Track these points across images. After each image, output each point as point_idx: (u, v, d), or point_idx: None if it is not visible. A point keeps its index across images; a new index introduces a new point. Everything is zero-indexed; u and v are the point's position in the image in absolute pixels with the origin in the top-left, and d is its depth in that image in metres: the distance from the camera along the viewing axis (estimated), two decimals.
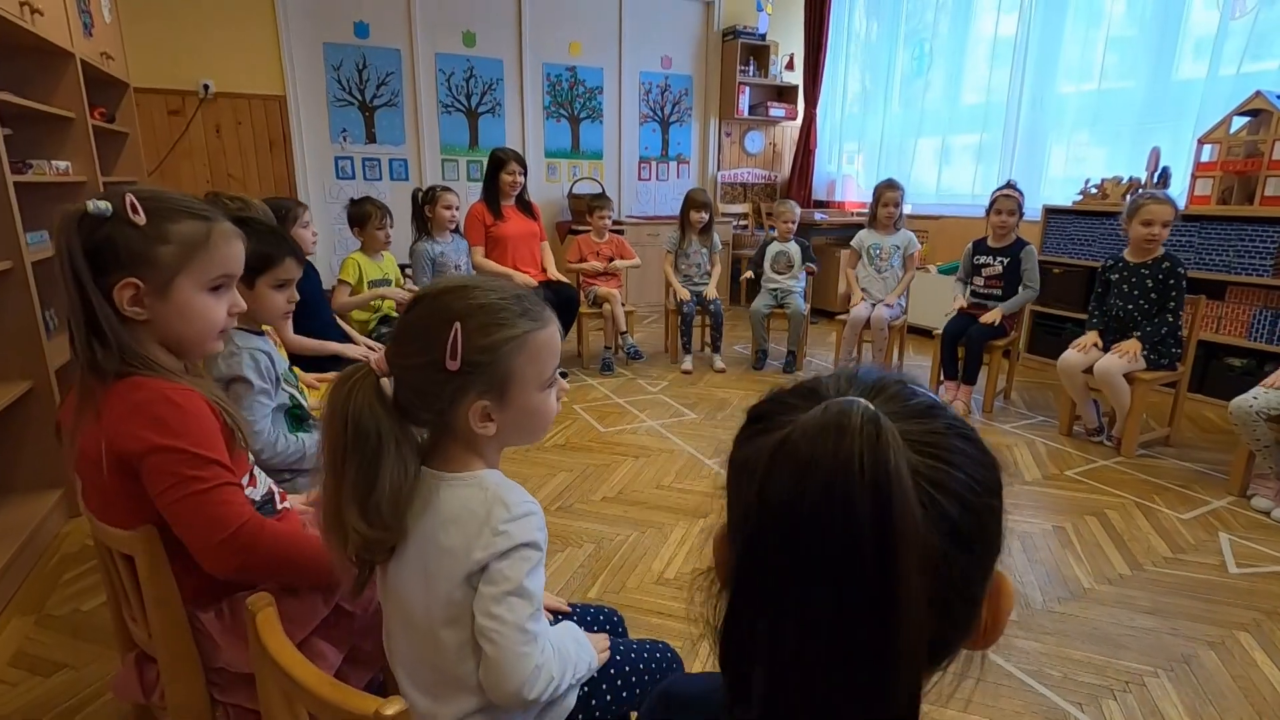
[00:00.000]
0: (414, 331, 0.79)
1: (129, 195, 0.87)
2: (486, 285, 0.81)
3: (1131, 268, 2.75)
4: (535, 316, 0.81)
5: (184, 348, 0.95)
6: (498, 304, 0.79)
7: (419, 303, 0.80)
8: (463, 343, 0.76)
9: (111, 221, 0.86)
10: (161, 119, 4.37)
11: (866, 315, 3.60)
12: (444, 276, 0.91)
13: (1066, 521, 2.23)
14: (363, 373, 0.79)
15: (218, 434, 0.91)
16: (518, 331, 0.79)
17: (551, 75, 5.52)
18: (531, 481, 2.48)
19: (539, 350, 0.81)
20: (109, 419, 0.86)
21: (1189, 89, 3.66)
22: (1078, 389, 2.85)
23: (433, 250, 3.29)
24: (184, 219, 0.91)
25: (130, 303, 0.88)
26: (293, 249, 1.50)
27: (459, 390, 0.77)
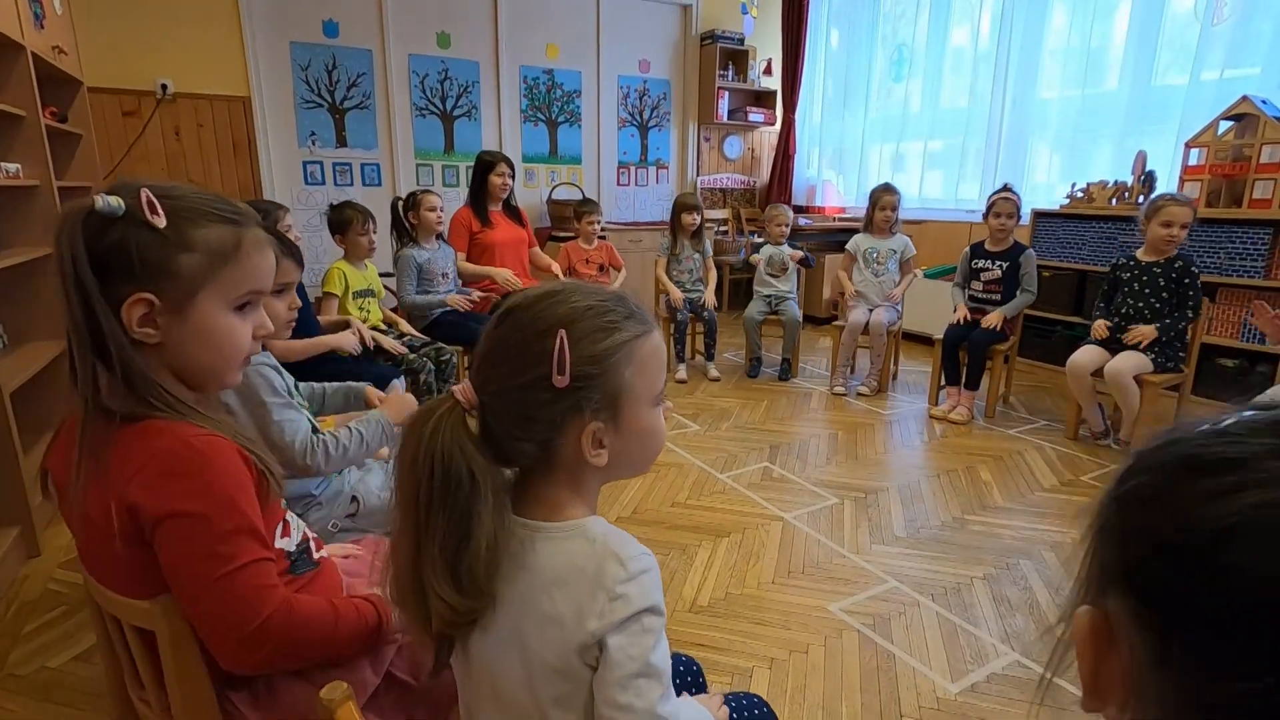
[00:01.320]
0: (508, 348, 0.66)
1: (146, 191, 0.71)
2: (583, 287, 0.69)
3: (1144, 266, 2.75)
4: (641, 319, 0.70)
5: (201, 378, 0.79)
6: (602, 306, 0.67)
7: (509, 315, 0.68)
8: (570, 353, 0.64)
9: (124, 222, 0.70)
10: (115, 120, 4.10)
11: (865, 320, 3.55)
12: (533, 286, 0.78)
13: None
14: (447, 406, 0.66)
15: (249, 490, 0.75)
16: (627, 336, 0.67)
17: (529, 78, 5.37)
18: None
19: (649, 358, 0.69)
20: (120, 473, 0.71)
21: (1171, 94, 3.71)
22: (1085, 392, 2.83)
23: (419, 257, 3.12)
24: (211, 222, 0.75)
25: (140, 322, 0.72)
26: (292, 250, 1.35)
27: (569, 411, 0.65)
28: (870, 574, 1.91)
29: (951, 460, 2.75)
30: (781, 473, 2.60)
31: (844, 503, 2.36)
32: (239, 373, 0.82)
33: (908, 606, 1.77)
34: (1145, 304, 2.72)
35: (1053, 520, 2.25)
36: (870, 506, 2.33)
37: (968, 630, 1.68)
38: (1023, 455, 2.80)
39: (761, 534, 2.13)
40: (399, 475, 0.67)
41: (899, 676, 1.52)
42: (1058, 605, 1.76)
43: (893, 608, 1.76)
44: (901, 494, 2.43)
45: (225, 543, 0.71)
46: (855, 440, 2.95)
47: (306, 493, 1.30)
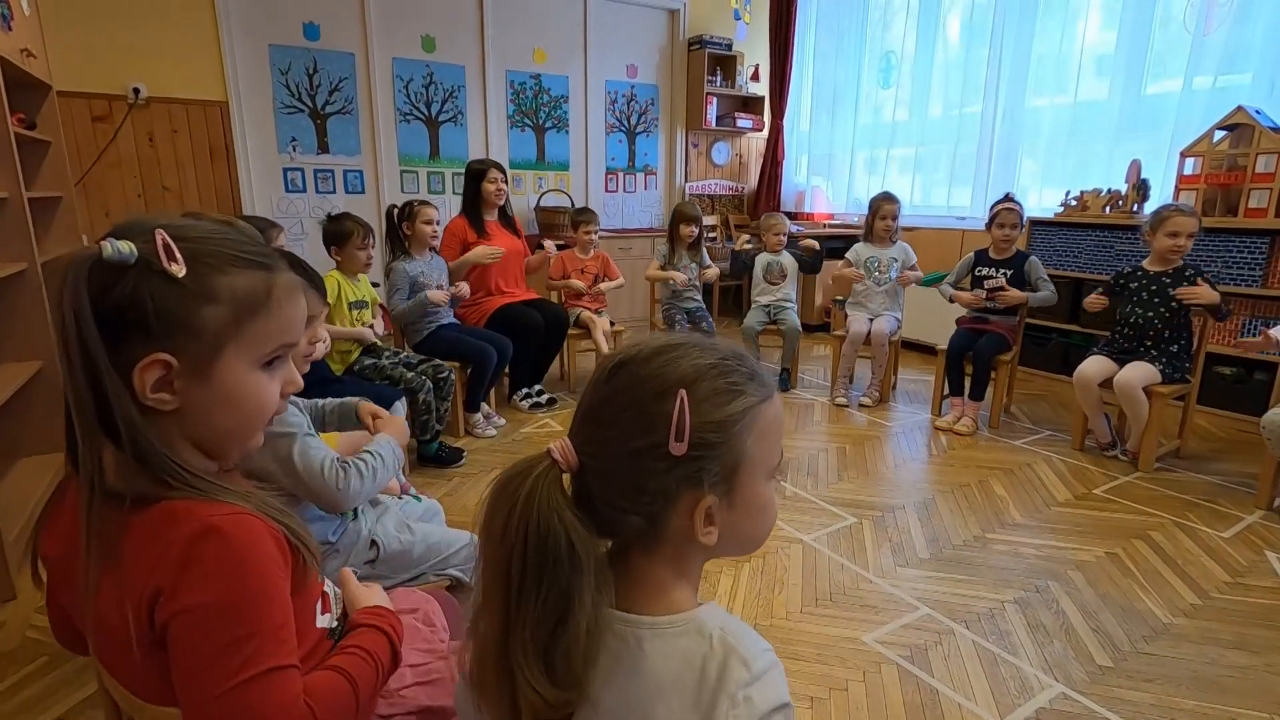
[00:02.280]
0: (619, 408, 0.59)
1: (161, 233, 0.61)
2: (702, 342, 0.62)
3: (1152, 276, 2.74)
4: (763, 381, 0.62)
5: (222, 445, 0.69)
6: (725, 365, 0.60)
7: (621, 368, 0.60)
8: (690, 417, 0.56)
9: (136, 272, 0.59)
10: (85, 126, 3.91)
11: (866, 330, 3.51)
12: (646, 337, 0.70)
13: (1116, 546, 2.15)
14: (544, 467, 0.58)
15: (281, 578, 0.65)
16: (752, 401, 0.60)
17: (515, 83, 5.27)
18: None
19: (771, 426, 0.62)
20: (136, 568, 0.60)
21: (1164, 102, 3.74)
22: (1093, 403, 2.82)
23: (412, 269, 3.01)
24: (238, 268, 0.65)
25: (155, 387, 0.61)
26: (316, 281, 1.25)
27: (684, 483, 0.58)
28: (900, 600, 1.85)
29: (963, 474, 2.71)
30: (794, 490, 2.54)
31: (862, 522, 2.30)
32: (262, 435, 0.72)
33: (943, 635, 1.71)
34: (1156, 314, 2.71)
35: (1073, 537, 2.21)
36: (889, 525, 2.28)
37: (1008, 660, 1.62)
38: (1033, 467, 2.77)
39: (783, 558, 2.06)
40: (485, 545, 0.59)
41: (945, 714, 1.46)
42: (1094, 631, 1.72)
43: (928, 637, 1.70)
44: (918, 511, 2.38)
45: (241, 646, 0.60)
46: (864, 454, 2.91)
47: (324, 539, 1.20)
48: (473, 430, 3.08)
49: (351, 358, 2.62)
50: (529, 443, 3.01)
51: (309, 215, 4.67)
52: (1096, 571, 2.01)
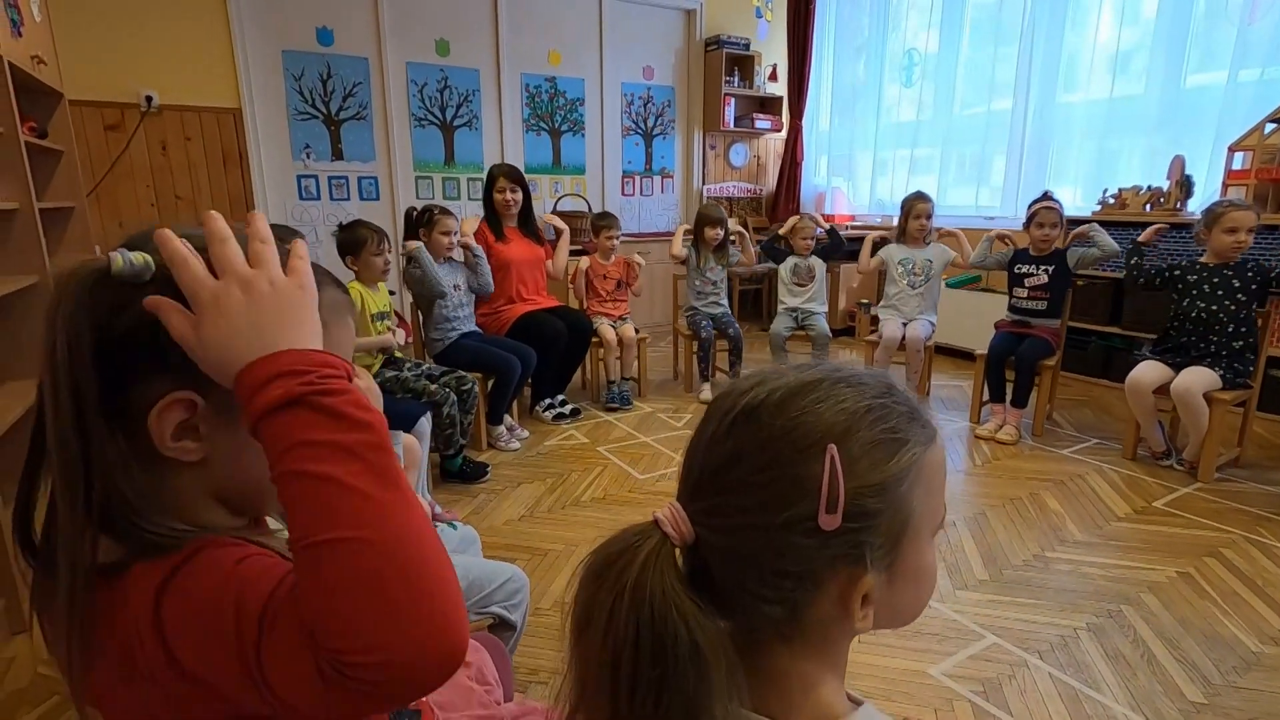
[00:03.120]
0: (748, 468, 0.47)
1: (183, 243, 0.49)
2: (844, 375, 0.50)
3: (1212, 269, 2.61)
4: (924, 419, 0.50)
5: (256, 501, 0.57)
6: (880, 406, 0.48)
7: (746, 418, 0.48)
8: (844, 480, 0.45)
9: (153, 290, 0.48)
10: (97, 135, 3.85)
11: (900, 335, 3.39)
12: (768, 372, 0.59)
13: (1188, 565, 2.02)
14: (653, 543, 0.47)
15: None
16: (916, 449, 0.48)
17: (530, 86, 5.18)
18: (582, 548, 2.13)
19: (936, 475, 0.50)
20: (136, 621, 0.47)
21: (1207, 96, 3.60)
22: (1146, 410, 2.68)
23: (423, 285, 2.90)
24: None
25: (178, 434, 0.50)
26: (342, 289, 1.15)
27: (837, 561, 0.46)
28: (964, 628, 1.73)
29: (1012, 486, 2.58)
30: None
31: None
32: None
33: (1016, 667, 1.58)
34: (1220, 307, 2.58)
35: (1139, 555, 2.08)
36: (941, 543, 2.15)
37: (1090, 696, 1.50)
38: (1085, 479, 2.64)
39: None
40: (581, 643, 0.48)
41: None
42: (1179, 662, 1.59)
43: (1000, 669, 1.58)
44: (970, 527, 2.26)
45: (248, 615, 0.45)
46: None
47: None
48: (496, 443, 2.98)
49: (373, 370, 2.52)
50: (554, 456, 2.90)
51: (323, 223, 4.60)
52: (1171, 594, 1.88)
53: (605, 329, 3.50)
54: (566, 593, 1.87)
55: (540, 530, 2.26)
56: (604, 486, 2.59)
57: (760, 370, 0.52)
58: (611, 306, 3.69)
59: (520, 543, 2.18)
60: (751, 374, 0.51)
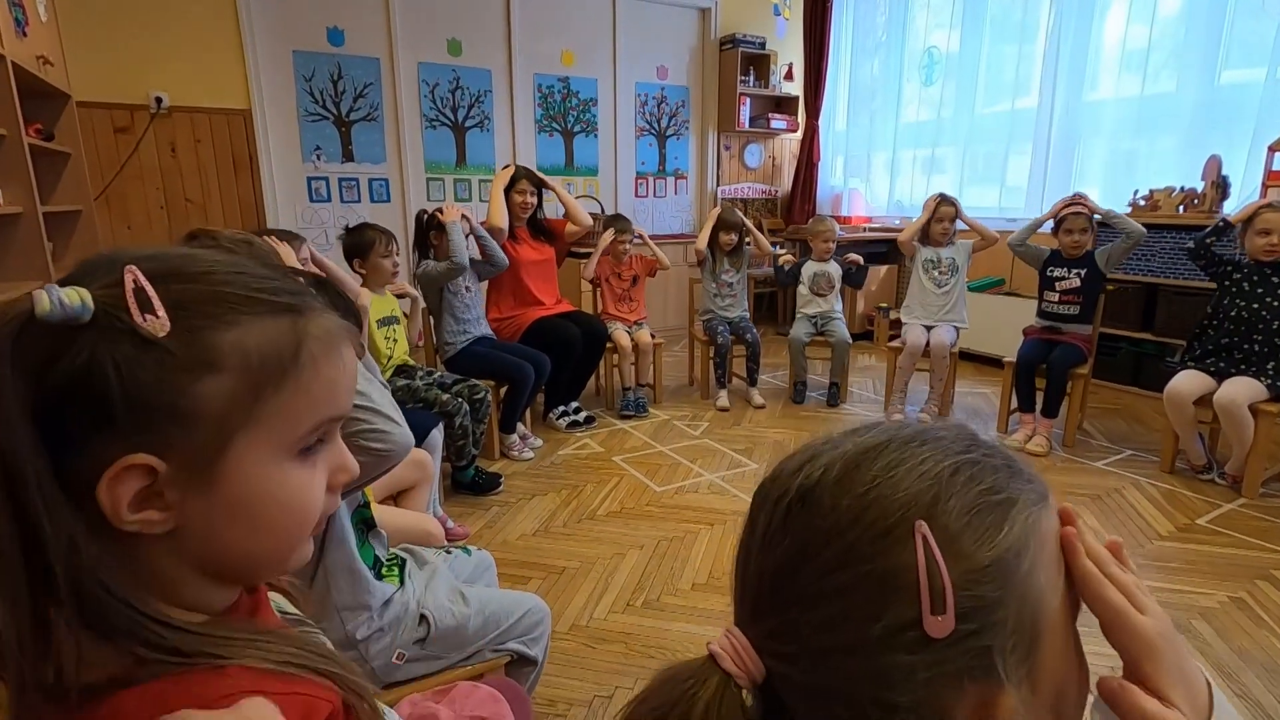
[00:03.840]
0: (816, 571, 0.38)
1: (133, 272, 0.40)
2: (918, 431, 0.41)
3: (1254, 266, 2.50)
4: (1024, 469, 0.41)
5: (246, 571, 0.48)
6: (971, 461, 0.39)
7: (803, 503, 0.39)
8: (946, 566, 0.35)
9: (94, 333, 0.39)
10: (106, 137, 3.80)
11: (924, 342, 3.28)
12: (813, 442, 0.50)
13: (1240, 589, 1.91)
14: (713, 685, 0.38)
15: None
16: (1030, 510, 0.39)
17: (543, 86, 5.11)
18: (599, 565, 2.05)
19: (1052, 536, 0.41)
20: None
21: (1244, 94, 3.47)
22: (1186, 422, 2.57)
23: (440, 269, 2.83)
24: (250, 316, 0.44)
25: (136, 504, 0.41)
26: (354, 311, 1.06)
27: (957, 678, 0.36)
28: None
29: None
30: None
31: None
32: (310, 545, 0.51)
33: None
34: (1263, 305, 2.46)
35: (1187, 578, 1.98)
36: None
37: None
38: (1122, 494, 2.53)
39: None
40: None
41: None
42: (1241, 698, 1.49)
43: None
44: None
45: None
46: None
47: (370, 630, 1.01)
48: (509, 452, 2.90)
49: (384, 379, 2.44)
50: (569, 466, 2.82)
51: (334, 225, 4.54)
52: (1224, 621, 1.77)
53: (620, 334, 3.42)
54: (584, 614, 1.80)
55: (556, 546, 2.17)
56: (620, 499, 2.51)
57: (809, 443, 0.43)
58: (627, 310, 3.60)
59: (535, 560, 2.09)
60: (800, 450, 0.42)
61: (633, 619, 1.79)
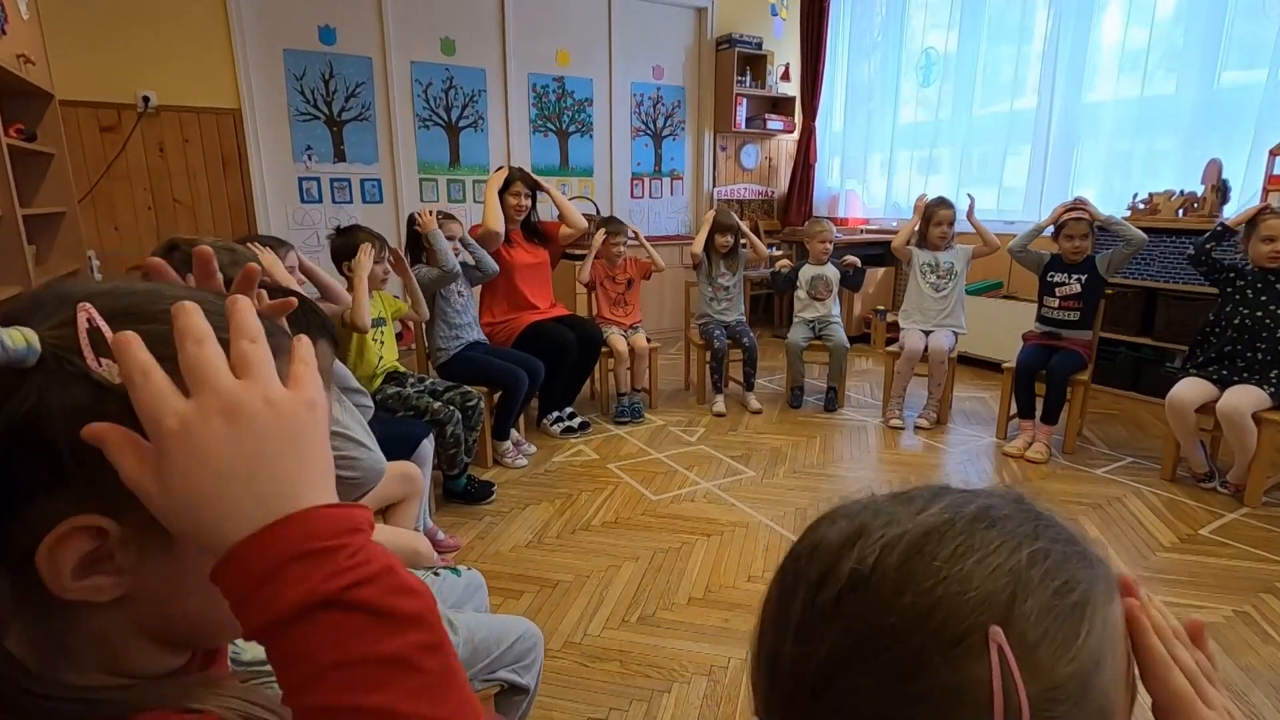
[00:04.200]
0: (865, 676, 0.33)
1: (87, 310, 0.36)
2: (982, 506, 0.37)
3: (1258, 273, 2.47)
4: (1094, 556, 0.38)
5: (209, 635, 0.44)
6: (1041, 551, 0.35)
7: (854, 593, 0.34)
8: (1022, 679, 0.31)
9: (42, 378, 0.35)
10: (93, 136, 3.74)
11: (922, 346, 3.25)
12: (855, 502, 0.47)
13: (1244, 603, 1.88)
14: None
15: None
16: (1103, 611, 0.35)
17: (538, 86, 5.06)
18: (594, 579, 2.00)
19: (1120, 632, 0.37)
20: None
21: (1244, 96, 3.45)
22: (1188, 430, 2.54)
23: (432, 275, 2.78)
24: None
25: (82, 569, 0.36)
26: (328, 328, 1.02)
27: None
28: None
29: None
30: None
31: None
32: None
33: None
34: (1265, 312, 2.43)
35: (1190, 591, 1.95)
36: None
37: None
38: (1124, 503, 2.50)
39: None
40: None
41: None
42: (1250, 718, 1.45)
43: None
44: None
45: None
46: None
47: None
48: (502, 459, 2.86)
49: (375, 385, 2.39)
50: (563, 474, 2.78)
51: (325, 226, 4.47)
52: (1230, 636, 1.74)
53: (616, 339, 3.38)
54: (578, 631, 1.75)
55: (549, 558, 2.13)
56: (615, 508, 2.46)
57: (851, 503, 0.38)
58: (622, 314, 3.56)
59: (528, 573, 2.05)
60: (840, 509, 0.38)
61: (628, 635, 1.75)
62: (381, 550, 0.35)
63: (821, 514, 0.40)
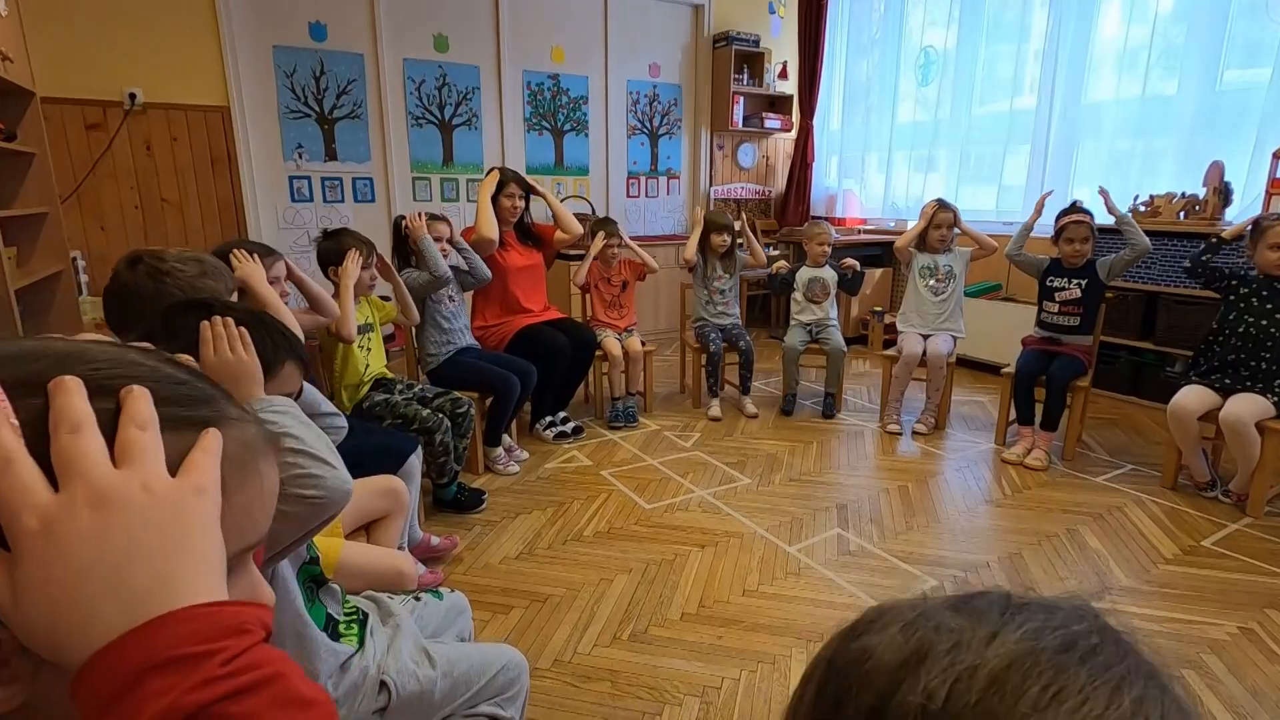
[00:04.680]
0: None
1: None
2: (1063, 636, 0.31)
3: (1263, 281, 2.43)
4: (1164, 679, 0.32)
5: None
6: (1141, 694, 0.29)
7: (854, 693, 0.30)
8: None
9: None
10: (78, 134, 3.67)
11: (920, 350, 3.20)
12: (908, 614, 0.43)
13: (1250, 619, 1.84)
14: None
15: None
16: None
17: (532, 84, 4.99)
18: (585, 592, 1.96)
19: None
20: None
21: (1247, 97, 3.40)
22: (1190, 438, 2.50)
23: (422, 280, 2.73)
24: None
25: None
26: (295, 350, 0.97)
27: None
28: None
29: (1047, 521, 2.40)
30: (859, 543, 2.24)
31: (944, 584, 2.00)
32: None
33: None
34: (1271, 321, 2.39)
35: (1194, 606, 1.91)
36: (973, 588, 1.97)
37: None
38: (1124, 512, 2.46)
39: None
40: None
41: None
42: None
43: None
44: (1006, 570, 2.08)
45: None
46: (929, 495, 2.60)
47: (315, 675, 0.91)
48: (493, 466, 2.81)
49: (362, 393, 2.34)
50: (555, 481, 2.73)
51: (316, 226, 4.42)
52: (1235, 655, 1.70)
53: (610, 342, 3.33)
54: (568, 649, 1.71)
55: (540, 571, 2.08)
56: (608, 518, 2.42)
57: (901, 604, 0.33)
58: (616, 316, 3.51)
59: (518, 586, 2.00)
60: (888, 611, 0.33)
61: (620, 653, 1.70)
62: (272, 656, 0.30)
63: (863, 612, 0.35)
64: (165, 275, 1.31)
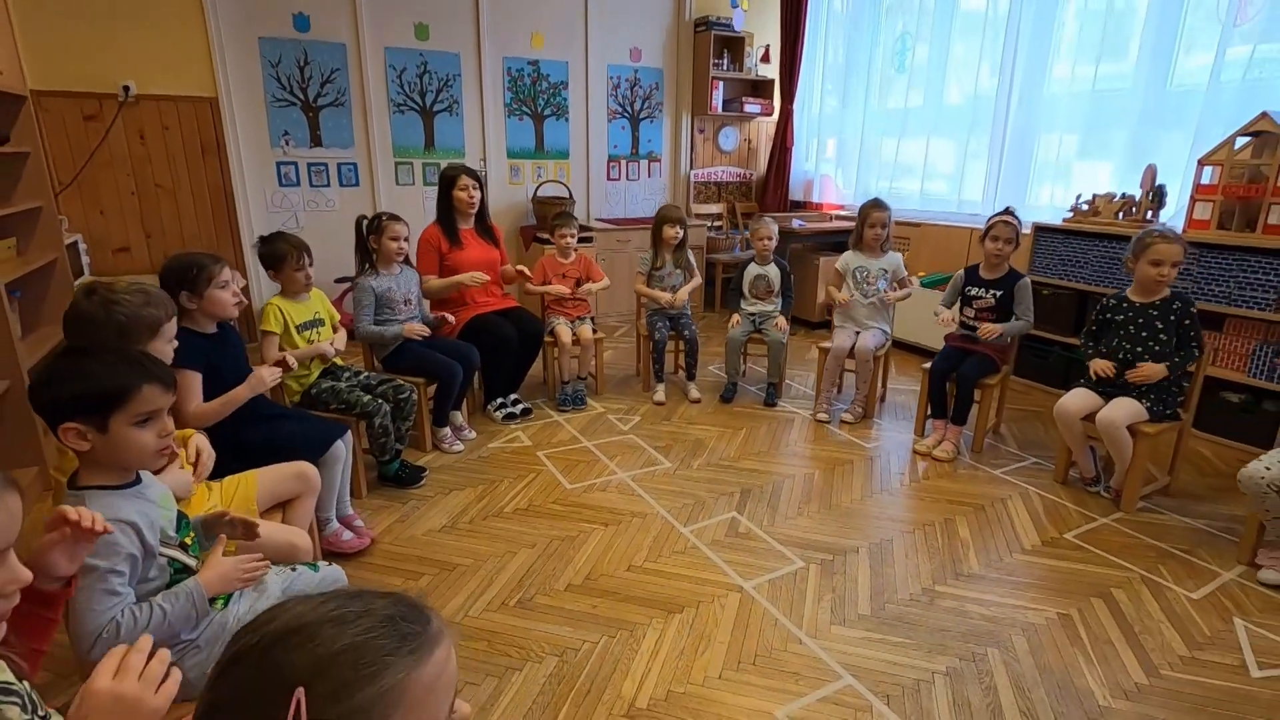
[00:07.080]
0: (231, 711, 0.53)
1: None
2: (339, 614, 0.55)
3: (1138, 308, 2.57)
4: (416, 639, 0.56)
5: None
6: (359, 643, 0.53)
7: (238, 662, 0.54)
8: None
9: None
10: (76, 126, 3.95)
11: (849, 345, 3.39)
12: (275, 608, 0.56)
13: (1072, 606, 2.05)
14: None
15: None
16: (396, 677, 0.54)
17: (513, 69, 5.15)
18: (490, 563, 2.23)
19: (428, 692, 0.55)
20: None
21: (1189, 97, 3.45)
22: (1075, 437, 2.68)
23: (379, 285, 2.98)
24: None
25: None
26: (155, 372, 1.20)
27: None
28: (824, 667, 1.80)
29: (930, 510, 2.61)
30: (748, 526, 2.48)
31: (809, 567, 2.24)
32: None
33: (859, 712, 1.65)
34: (1144, 347, 2.54)
35: (1028, 593, 2.12)
36: (836, 573, 2.21)
37: None
38: (1006, 504, 2.66)
39: (716, 610, 2.02)
40: None
41: None
42: (1022, 714, 1.65)
43: (844, 714, 1.65)
44: (872, 556, 2.31)
45: None
46: (832, 483, 2.82)
47: (175, 637, 1.19)
48: (440, 445, 3.08)
49: (310, 379, 2.61)
50: (494, 461, 3.00)
51: (303, 209, 4.69)
52: (1043, 637, 1.92)
53: (561, 329, 3.55)
54: (460, 613, 1.98)
55: (457, 543, 2.36)
56: (530, 496, 2.68)
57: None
58: (571, 306, 3.73)
59: (433, 556, 2.28)
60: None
61: (503, 618, 1.98)
62: None
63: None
64: (114, 304, 1.56)
